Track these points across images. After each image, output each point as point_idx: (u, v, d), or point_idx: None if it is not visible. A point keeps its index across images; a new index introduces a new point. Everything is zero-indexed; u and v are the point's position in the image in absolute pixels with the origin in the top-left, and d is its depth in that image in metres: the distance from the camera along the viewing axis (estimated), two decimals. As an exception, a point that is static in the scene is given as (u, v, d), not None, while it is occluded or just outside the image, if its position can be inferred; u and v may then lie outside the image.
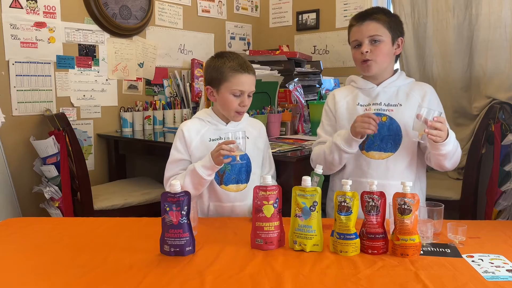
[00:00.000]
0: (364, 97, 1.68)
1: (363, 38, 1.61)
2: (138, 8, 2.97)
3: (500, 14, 2.40)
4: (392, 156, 1.60)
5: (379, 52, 1.60)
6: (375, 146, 1.61)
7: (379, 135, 1.60)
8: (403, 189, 1.19)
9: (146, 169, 3.09)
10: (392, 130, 1.60)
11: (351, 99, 1.70)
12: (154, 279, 1.05)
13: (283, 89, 2.52)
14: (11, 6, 2.43)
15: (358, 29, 1.63)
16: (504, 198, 2.24)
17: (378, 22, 1.61)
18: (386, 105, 1.64)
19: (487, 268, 1.09)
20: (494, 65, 2.45)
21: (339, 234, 1.19)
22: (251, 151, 1.64)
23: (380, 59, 1.62)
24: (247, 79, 1.59)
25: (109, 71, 2.88)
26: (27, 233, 1.41)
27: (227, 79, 1.58)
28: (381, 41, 1.60)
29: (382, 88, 1.66)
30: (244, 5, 3.78)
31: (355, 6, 3.29)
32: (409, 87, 1.67)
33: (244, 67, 1.59)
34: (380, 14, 1.63)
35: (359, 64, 1.65)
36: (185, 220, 1.18)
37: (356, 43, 1.64)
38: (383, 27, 1.61)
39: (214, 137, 1.62)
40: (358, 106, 1.66)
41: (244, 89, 1.58)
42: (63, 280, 1.06)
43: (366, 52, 1.59)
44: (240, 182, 1.61)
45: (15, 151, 2.49)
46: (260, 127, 1.75)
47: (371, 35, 1.60)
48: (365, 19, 1.62)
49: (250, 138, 1.65)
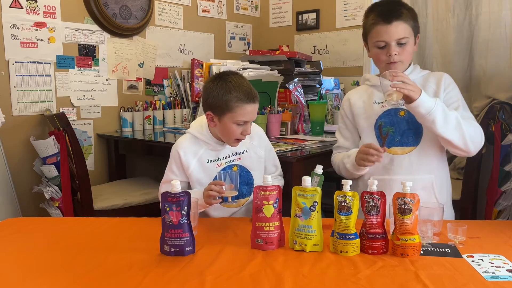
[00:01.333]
0: (380, 94, 1.62)
1: (391, 40, 1.53)
2: (138, 8, 2.96)
3: (500, 14, 2.40)
4: (415, 150, 1.57)
5: (406, 53, 1.56)
6: (396, 141, 1.59)
7: (399, 130, 1.58)
8: (403, 189, 1.19)
9: (146, 169, 3.09)
10: (412, 123, 1.56)
11: (367, 98, 1.67)
12: (154, 279, 1.05)
13: (283, 89, 2.52)
14: (11, 6, 2.43)
15: (385, 29, 1.53)
16: (504, 198, 2.24)
17: (405, 23, 1.55)
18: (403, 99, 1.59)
19: (487, 268, 1.09)
20: (494, 65, 2.45)
21: (339, 234, 1.19)
22: (250, 164, 1.62)
23: (406, 59, 1.58)
24: (253, 109, 1.51)
25: (109, 71, 2.88)
26: (27, 233, 1.41)
27: (232, 110, 1.48)
28: (408, 42, 1.55)
29: None
30: (244, 5, 3.78)
31: (355, 6, 3.29)
32: (424, 80, 1.62)
33: (251, 97, 1.50)
34: (404, 10, 1.56)
35: (383, 65, 1.58)
36: (185, 220, 1.18)
37: (381, 44, 1.56)
38: (409, 27, 1.56)
39: (211, 158, 1.58)
40: (375, 104, 1.63)
41: (249, 119, 1.52)
42: (63, 280, 1.06)
43: (395, 54, 1.53)
44: (241, 197, 1.60)
45: (15, 151, 2.49)
46: (259, 133, 1.69)
47: (400, 38, 1.53)
48: (392, 19, 1.53)
49: (249, 151, 1.63)
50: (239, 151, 1.62)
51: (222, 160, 1.59)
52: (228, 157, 1.60)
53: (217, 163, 1.58)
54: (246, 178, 1.61)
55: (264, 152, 1.69)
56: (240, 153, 1.62)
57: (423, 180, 1.57)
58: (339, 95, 2.97)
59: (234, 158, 1.61)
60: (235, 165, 1.60)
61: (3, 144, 2.40)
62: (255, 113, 1.55)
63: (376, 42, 1.57)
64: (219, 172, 1.47)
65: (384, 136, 1.60)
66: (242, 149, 1.62)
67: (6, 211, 2.34)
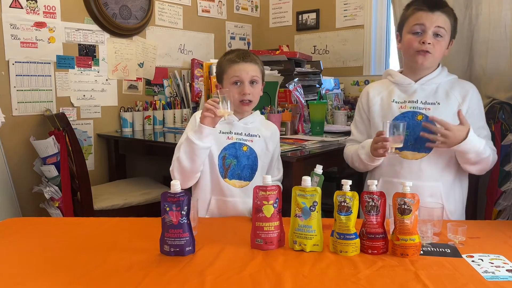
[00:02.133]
0: (400, 93, 1.61)
1: (431, 26, 1.51)
2: (138, 8, 2.97)
3: (500, 14, 2.39)
4: (426, 157, 1.55)
5: (439, 48, 1.53)
6: (409, 145, 1.56)
7: (413, 135, 1.55)
8: (403, 189, 1.19)
9: (146, 169, 3.09)
10: (428, 130, 1.51)
11: (386, 95, 1.64)
12: (154, 279, 1.05)
13: (283, 89, 2.52)
14: (11, 6, 2.43)
15: (427, 15, 1.52)
16: (504, 198, 2.23)
17: (447, 17, 1.53)
18: (423, 103, 1.57)
19: (487, 268, 1.09)
20: (494, 65, 2.45)
21: (339, 234, 1.19)
22: (259, 150, 1.64)
23: (438, 55, 1.55)
24: (244, 67, 1.59)
25: (109, 71, 2.88)
26: (27, 233, 1.41)
27: (226, 71, 1.61)
28: (443, 36, 1.53)
29: (420, 85, 1.60)
30: (244, 5, 3.78)
31: (355, 6, 3.29)
32: (449, 85, 1.60)
33: (241, 57, 1.60)
34: (449, 8, 1.55)
35: (413, 52, 1.55)
36: (185, 220, 1.18)
37: (418, 28, 1.53)
38: (449, 23, 1.54)
39: (224, 130, 1.61)
40: (393, 103, 1.61)
41: (241, 76, 1.58)
42: (63, 280, 1.06)
43: (429, 43, 1.50)
44: (242, 178, 1.61)
45: (15, 151, 2.49)
46: (274, 130, 1.74)
47: (439, 26, 1.51)
48: (437, 8, 1.52)
49: (261, 137, 1.65)
50: (252, 133, 1.64)
51: (234, 135, 1.61)
52: (241, 134, 1.62)
53: (228, 135, 1.61)
54: (252, 162, 1.62)
55: (273, 148, 1.70)
56: (253, 136, 1.64)
57: (432, 188, 1.56)
58: (339, 95, 2.96)
59: (246, 139, 1.63)
60: (246, 145, 1.62)
61: (3, 144, 2.40)
62: (250, 72, 1.59)
63: (414, 26, 1.54)
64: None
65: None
66: (256, 132, 1.65)
67: (6, 211, 2.34)
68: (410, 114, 1.58)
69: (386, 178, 1.58)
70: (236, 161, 1.60)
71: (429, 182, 1.55)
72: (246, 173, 1.62)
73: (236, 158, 1.60)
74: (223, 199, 1.61)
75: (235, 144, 1.61)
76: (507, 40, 2.40)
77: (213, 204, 1.61)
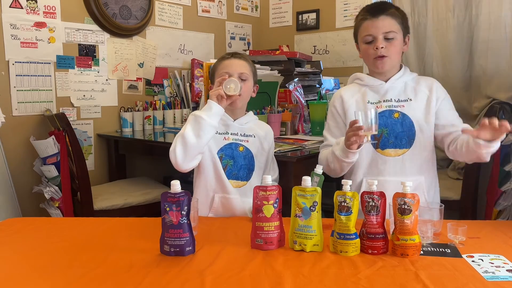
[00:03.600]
0: (373, 94, 1.65)
1: (378, 33, 1.56)
2: (138, 8, 2.97)
3: (500, 14, 2.39)
4: (408, 152, 1.60)
5: (394, 49, 1.58)
6: (390, 143, 1.61)
7: (393, 132, 1.60)
8: (403, 189, 1.19)
9: (146, 169, 3.09)
10: (406, 125, 1.59)
11: (360, 97, 1.67)
12: (154, 279, 1.05)
13: (283, 89, 2.52)
14: (11, 6, 2.43)
15: (372, 23, 1.58)
16: (504, 198, 2.24)
17: (393, 18, 1.58)
18: (396, 101, 1.62)
19: (487, 268, 1.09)
20: (494, 65, 2.45)
21: (339, 234, 1.19)
22: (255, 150, 1.65)
23: (394, 56, 1.60)
24: (232, 62, 1.63)
25: (109, 71, 2.88)
26: (27, 233, 1.41)
27: (217, 69, 1.66)
28: (395, 38, 1.57)
29: (391, 84, 1.64)
30: (244, 5, 3.78)
31: (355, 6, 3.29)
32: (415, 82, 1.66)
33: (231, 54, 1.66)
34: (393, 9, 1.60)
35: (371, 60, 1.61)
36: (185, 220, 1.18)
37: (369, 38, 1.59)
38: (397, 24, 1.58)
39: (221, 131, 1.62)
40: (369, 104, 1.64)
41: (230, 71, 1.60)
42: (63, 280, 1.06)
43: (381, 48, 1.55)
44: (239, 179, 1.62)
45: (15, 151, 2.49)
46: (268, 130, 1.75)
47: (386, 31, 1.56)
48: (380, 13, 1.57)
49: (256, 137, 1.67)
50: (248, 133, 1.66)
51: (230, 135, 1.63)
52: (237, 134, 1.64)
53: (225, 136, 1.62)
54: (249, 162, 1.64)
55: (268, 147, 1.71)
56: (249, 136, 1.66)
57: (415, 182, 1.58)
58: (339, 95, 2.96)
59: (242, 139, 1.64)
60: (242, 146, 1.63)
61: (3, 144, 2.40)
62: (238, 67, 1.62)
63: (364, 37, 1.61)
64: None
65: (378, 137, 1.60)
66: (251, 133, 1.67)
67: (6, 211, 2.34)
68: (387, 113, 1.62)
69: (370, 177, 1.59)
70: (233, 162, 1.61)
71: (412, 176, 1.57)
72: (243, 173, 1.63)
73: (233, 158, 1.61)
74: (226, 197, 1.61)
75: (231, 145, 1.62)
76: (507, 40, 2.40)
77: (216, 202, 1.61)
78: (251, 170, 1.64)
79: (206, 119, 1.48)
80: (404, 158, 1.60)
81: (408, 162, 1.60)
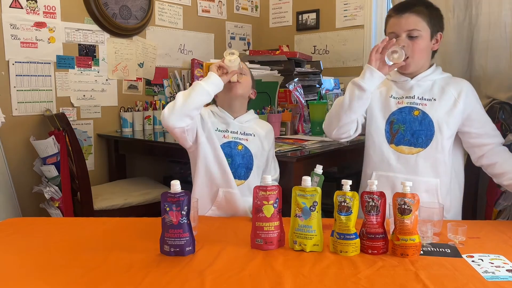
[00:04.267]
0: (398, 89, 1.63)
1: (401, 31, 1.55)
2: (138, 8, 2.97)
3: (500, 14, 2.39)
4: (422, 152, 1.57)
5: (417, 48, 1.55)
6: (406, 140, 1.58)
7: (410, 130, 1.57)
8: (403, 189, 1.19)
9: (146, 169, 3.09)
10: (424, 124, 1.57)
11: (385, 91, 1.66)
12: (154, 279, 1.05)
13: (283, 89, 2.52)
14: (11, 6, 2.43)
15: (396, 21, 1.57)
16: (504, 198, 2.23)
17: (418, 15, 1.55)
18: (419, 98, 1.59)
19: (487, 268, 1.09)
20: (494, 65, 2.45)
21: (339, 234, 1.19)
22: (255, 149, 1.65)
23: (418, 55, 1.56)
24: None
25: (109, 71, 2.88)
26: (27, 233, 1.41)
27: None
28: (420, 36, 1.55)
29: (417, 81, 1.61)
30: (244, 5, 3.78)
31: (355, 6, 3.29)
32: (445, 81, 1.62)
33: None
34: (421, 7, 1.57)
35: None
36: (185, 220, 1.18)
37: (393, 35, 1.57)
38: (423, 21, 1.55)
39: (221, 128, 1.63)
40: (391, 98, 1.63)
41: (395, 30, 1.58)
42: (63, 280, 1.06)
43: (402, 46, 1.53)
44: (237, 177, 1.62)
45: (15, 151, 2.49)
46: (269, 129, 1.75)
47: (409, 29, 1.54)
48: (405, 11, 1.55)
49: (256, 136, 1.67)
50: (248, 132, 1.66)
51: (230, 133, 1.63)
52: (236, 133, 1.64)
53: (224, 134, 1.62)
54: (247, 161, 1.63)
55: (268, 147, 1.71)
56: (248, 135, 1.65)
57: (428, 183, 1.57)
58: (339, 95, 2.96)
59: (242, 137, 1.64)
60: (241, 144, 1.63)
61: (3, 144, 2.40)
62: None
63: (389, 34, 1.59)
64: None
65: (394, 133, 1.59)
66: (251, 131, 1.66)
67: (6, 211, 2.34)
68: (407, 109, 1.60)
69: (381, 172, 1.59)
70: (231, 160, 1.61)
71: (424, 178, 1.56)
72: (240, 172, 1.63)
73: (231, 157, 1.61)
74: (230, 191, 1.60)
75: (230, 143, 1.62)
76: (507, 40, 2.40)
77: (220, 196, 1.60)
78: (250, 169, 1.64)
79: (201, 83, 1.49)
80: (417, 158, 1.57)
81: (422, 162, 1.57)
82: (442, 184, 1.59)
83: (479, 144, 1.60)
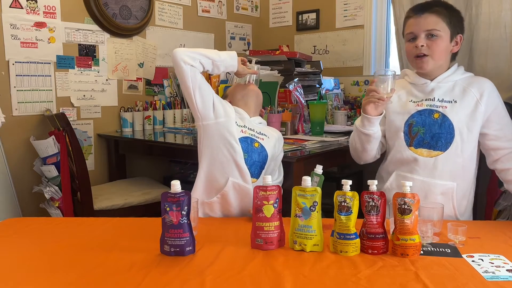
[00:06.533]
0: (417, 93, 1.62)
1: (420, 31, 1.53)
2: (138, 8, 2.96)
3: (500, 14, 2.39)
4: (441, 155, 1.54)
5: (436, 48, 1.53)
6: (425, 143, 1.56)
7: (429, 133, 1.56)
8: (403, 189, 1.19)
9: (146, 169, 3.09)
10: (444, 128, 1.54)
11: (404, 94, 1.64)
12: (154, 279, 1.05)
13: (283, 89, 2.52)
14: (11, 6, 2.43)
15: (415, 21, 1.55)
16: (504, 198, 2.23)
17: (438, 16, 1.53)
18: (440, 101, 1.57)
19: (487, 268, 1.10)
20: (494, 65, 2.45)
21: (339, 234, 1.19)
22: (270, 149, 1.66)
23: (437, 55, 1.54)
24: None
25: (109, 71, 2.88)
26: (27, 233, 1.41)
27: None
28: (439, 36, 1.53)
29: (437, 83, 1.59)
30: (244, 5, 3.78)
31: (355, 6, 3.29)
32: (466, 82, 1.59)
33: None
34: (441, 8, 1.55)
35: (412, 59, 1.58)
36: (185, 220, 1.18)
37: (411, 36, 1.56)
38: (442, 22, 1.53)
39: (240, 123, 1.62)
40: (411, 102, 1.61)
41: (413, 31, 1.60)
42: (63, 280, 1.06)
43: (421, 46, 1.52)
44: (252, 176, 1.60)
45: (15, 151, 2.49)
46: (279, 137, 1.76)
47: (428, 29, 1.52)
48: (424, 11, 1.54)
49: (270, 138, 1.68)
50: (264, 132, 1.67)
51: (247, 129, 1.63)
52: (253, 130, 1.65)
53: (242, 129, 1.62)
54: (262, 160, 1.63)
55: (279, 151, 1.73)
56: (264, 135, 1.67)
57: (444, 186, 1.55)
58: (339, 95, 2.96)
59: (258, 136, 1.65)
60: (257, 142, 1.63)
61: (3, 144, 2.40)
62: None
63: (407, 35, 1.58)
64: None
65: (413, 135, 1.58)
66: (267, 132, 1.69)
67: (6, 211, 2.34)
68: (426, 112, 1.58)
69: (400, 172, 1.59)
70: (247, 156, 1.59)
71: (442, 181, 1.54)
72: (255, 169, 1.61)
73: (247, 152, 1.59)
74: (239, 184, 1.57)
75: (247, 139, 1.61)
76: (507, 40, 2.40)
77: (229, 186, 1.56)
78: (262, 168, 1.63)
79: (221, 52, 1.59)
80: (436, 161, 1.55)
81: (440, 166, 1.54)
82: (458, 188, 1.57)
83: (495, 147, 1.57)
